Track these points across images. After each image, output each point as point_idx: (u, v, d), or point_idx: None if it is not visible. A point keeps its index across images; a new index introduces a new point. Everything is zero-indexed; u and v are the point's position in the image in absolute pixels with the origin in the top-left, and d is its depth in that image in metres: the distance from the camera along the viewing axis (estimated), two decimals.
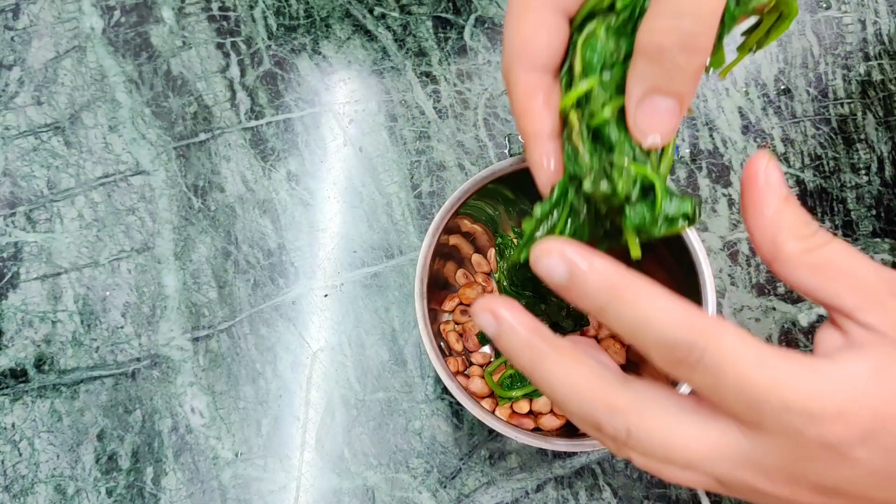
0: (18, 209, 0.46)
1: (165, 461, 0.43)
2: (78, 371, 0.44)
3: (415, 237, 0.47)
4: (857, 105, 0.51)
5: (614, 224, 0.25)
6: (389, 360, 0.45)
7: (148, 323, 0.45)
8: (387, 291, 0.46)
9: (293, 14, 0.51)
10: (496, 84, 0.50)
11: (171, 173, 0.47)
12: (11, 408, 0.43)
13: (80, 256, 0.46)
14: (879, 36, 0.53)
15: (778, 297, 0.47)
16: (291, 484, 0.43)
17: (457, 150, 0.49)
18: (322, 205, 0.47)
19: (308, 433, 0.43)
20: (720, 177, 0.49)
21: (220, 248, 0.46)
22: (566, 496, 0.43)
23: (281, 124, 0.49)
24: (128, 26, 0.50)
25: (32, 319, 0.45)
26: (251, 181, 0.47)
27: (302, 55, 0.50)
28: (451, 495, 0.43)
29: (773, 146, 0.50)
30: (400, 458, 0.43)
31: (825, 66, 0.52)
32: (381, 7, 0.51)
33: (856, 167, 0.50)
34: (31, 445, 0.43)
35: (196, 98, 0.49)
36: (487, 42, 0.51)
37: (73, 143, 0.48)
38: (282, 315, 0.45)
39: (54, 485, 0.42)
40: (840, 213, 0.49)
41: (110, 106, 0.48)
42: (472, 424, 0.44)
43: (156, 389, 0.44)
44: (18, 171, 0.47)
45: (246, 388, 0.44)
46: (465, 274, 0.44)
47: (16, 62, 0.49)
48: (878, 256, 0.49)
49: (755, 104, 0.51)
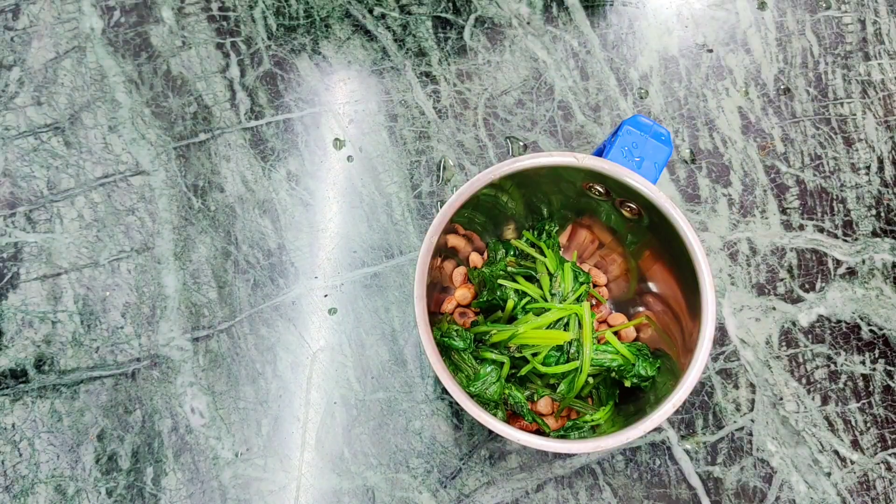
0: (18, 209, 0.46)
1: (165, 461, 0.43)
2: (78, 371, 0.44)
3: (415, 237, 0.47)
4: (857, 105, 0.51)
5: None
6: (389, 360, 0.45)
7: (148, 323, 0.45)
8: (387, 291, 0.46)
9: (293, 14, 0.51)
10: (496, 84, 0.50)
11: (171, 173, 0.47)
12: (11, 408, 0.43)
13: (80, 257, 0.46)
14: (879, 36, 0.53)
15: (778, 296, 0.47)
16: (291, 484, 0.43)
17: (457, 150, 0.49)
18: (322, 205, 0.47)
19: (308, 433, 0.43)
20: (720, 177, 0.49)
21: (220, 248, 0.46)
22: (566, 496, 0.43)
23: (281, 124, 0.49)
24: (127, 26, 0.50)
25: (32, 320, 0.45)
26: (251, 181, 0.47)
27: (302, 55, 0.50)
28: (452, 495, 0.43)
29: (773, 146, 0.50)
30: (400, 458, 0.43)
31: (825, 66, 0.52)
32: (381, 7, 0.51)
33: (856, 167, 0.50)
34: (32, 446, 0.43)
35: (196, 98, 0.49)
36: (487, 42, 0.51)
37: (72, 144, 0.48)
38: (282, 315, 0.45)
39: (54, 485, 0.42)
40: (840, 213, 0.49)
41: (110, 106, 0.48)
42: (472, 424, 0.44)
43: (156, 389, 0.44)
44: (18, 171, 0.47)
45: (246, 389, 0.44)
46: (463, 274, 0.44)
47: (16, 62, 0.49)
48: (879, 256, 0.49)
49: (755, 104, 0.51)
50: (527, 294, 0.40)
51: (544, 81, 0.50)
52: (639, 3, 0.52)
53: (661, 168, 0.37)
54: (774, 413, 0.45)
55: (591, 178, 0.37)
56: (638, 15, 0.52)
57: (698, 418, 0.45)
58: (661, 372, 0.38)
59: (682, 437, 0.44)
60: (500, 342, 0.39)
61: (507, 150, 0.49)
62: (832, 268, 0.48)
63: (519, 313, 0.39)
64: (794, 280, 0.48)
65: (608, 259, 0.44)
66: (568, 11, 0.52)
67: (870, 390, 0.46)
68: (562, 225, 0.43)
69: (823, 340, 0.47)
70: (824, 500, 0.44)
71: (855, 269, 0.48)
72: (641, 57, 0.51)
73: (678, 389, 0.33)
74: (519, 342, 0.38)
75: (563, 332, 0.38)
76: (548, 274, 0.40)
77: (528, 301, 0.39)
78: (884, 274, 0.48)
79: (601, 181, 0.37)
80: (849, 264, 0.48)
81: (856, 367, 0.46)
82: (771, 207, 0.49)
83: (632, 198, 0.37)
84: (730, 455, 0.44)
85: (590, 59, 0.51)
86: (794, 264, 0.48)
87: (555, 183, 0.38)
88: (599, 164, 0.36)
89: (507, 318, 0.40)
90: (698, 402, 0.45)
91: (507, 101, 0.50)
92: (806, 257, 0.48)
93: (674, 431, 0.45)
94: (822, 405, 0.46)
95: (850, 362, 0.47)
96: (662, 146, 0.37)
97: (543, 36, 0.51)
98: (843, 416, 0.46)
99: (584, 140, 0.49)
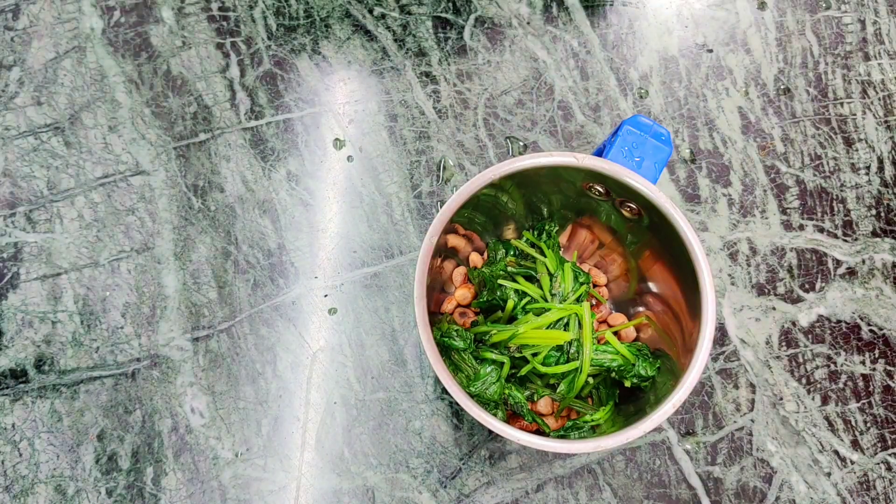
0: (18, 209, 0.46)
1: (165, 461, 0.43)
2: (78, 371, 0.44)
3: (415, 237, 0.47)
4: (857, 105, 0.51)
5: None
6: (389, 360, 0.45)
7: (148, 323, 0.45)
8: (387, 291, 0.46)
9: (293, 14, 0.51)
10: (496, 84, 0.50)
11: (171, 173, 0.47)
12: (11, 408, 0.43)
13: (80, 257, 0.46)
14: (879, 36, 0.53)
15: (778, 296, 0.47)
16: (291, 484, 0.43)
17: (457, 150, 0.49)
18: (322, 205, 0.47)
19: (308, 433, 0.43)
20: (720, 177, 0.49)
21: (220, 248, 0.46)
22: (566, 496, 0.43)
23: (281, 124, 0.49)
24: (127, 26, 0.50)
25: (32, 320, 0.45)
26: (251, 181, 0.47)
27: (302, 55, 0.50)
28: (452, 495, 0.43)
29: (773, 146, 0.50)
30: (400, 458, 0.43)
31: (825, 66, 0.52)
32: (381, 7, 0.51)
33: (856, 167, 0.50)
34: (32, 446, 0.43)
35: (196, 98, 0.49)
36: (487, 42, 0.51)
37: (72, 144, 0.48)
38: (282, 315, 0.45)
39: (54, 485, 0.42)
40: (840, 213, 0.49)
41: (110, 106, 0.48)
42: (472, 424, 0.44)
43: (156, 389, 0.44)
44: (18, 171, 0.47)
45: (246, 389, 0.44)
46: (463, 274, 0.44)
47: (16, 62, 0.49)
48: (879, 256, 0.49)
49: (755, 104, 0.51)
50: (527, 294, 0.40)
51: (544, 81, 0.50)
52: (639, 3, 0.52)
53: (661, 168, 0.37)
54: (774, 413, 0.45)
55: (591, 178, 0.37)
56: (638, 15, 0.52)
57: (698, 418, 0.45)
58: (661, 372, 0.38)
59: (682, 436, 0.44)
60: (500, 342, 0.39)
61: (507, 150, 0.49)
62: (832, 268, 0.48)
63: (519, 313, 0.39)
64: (794, 280, 0.48)
65: (608, 259, 0.44)
66: (568, 11, 0.52)
67: (870, 390, 0.46)
68: (562, 225, 0.43)
69: (823, 340, 0.47)
70: (824, 500, 0.44)
71: (855, 269, 0.48)
72: (641, 57, 0.51)
73: (678, 389, 0.33)
74: (519, 342, 0.38)
75: (563, 332, 0.38)
76: (548, 274, 0.40)
77: (528, 301, 0.39)
78: (884, 274, 0.48)
79: (601, 181, 0.37)
80: (849, 264, 0.48)
81: (856, 367, 0.46)
82: (771, 207, 0.49)
83: (632, 198, 0.37)
84: (730, 455, 0.44)
85: (590, 59, 0.51)
86: (794, 264, 0.48)
87: (555, 183, 0.38)
88: (599, 164, 0.36)
89: (507, 318, 0.40)
90: (698, 402, 0.45)
91: (507, 101, 0.50)
92: (806, 257, 0.48)
93: (674, 431, 0.45)
94: (822, 405, 0.46)
95: (850, 362, 0.47)
96: (662, 146, 0.37)
97: (543, 36, 0.51)
98: (843, 416, 0.46)
99: (584, 140, 0.49)
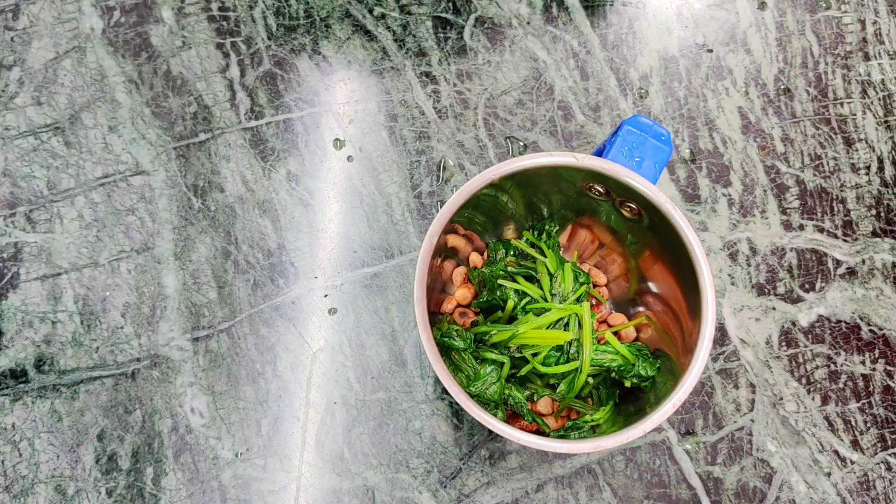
0: (18, 209, 0.46)
1: (165, 461, 0.43)
2: (78, 371, 0.44)
3: (415, 237, 0.47)
4: (857, 105, 0.51)
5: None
6: (389, 360, 0.45)
7: (148, 323, 0.45)
8: (387, 291, 0.46)
9: (293, 14, 0.51)
10: (496, 84, 0.50)
11: (171, 173, 0.47)
12: (11, 408, 0.43)
13: (80, 257, 0.46)
14: (879, 36, 0.53)
15: (778, 296, 0.47)
16: (291, 484, 0.43)
17: (457, 150, 0.49)
18: (322, 205, 0.47)
19: (308, 433, 0.43)
20: (720, 177, 0.49)
21: (220, 248, 0.46)
22: (566, 496, 0.43)
23: (281, 124, 0.49)
24: (127, 26, 0.50)
25: (32, 320, 0.45)
26: (251, 181, 0.47)
27: (302, 55, 0.50)
28: (452, 495, 0.43)
29: (773, 146, 0.50)
30: (400, 458, 0.43)
31: (825, 66, 0.52)
32: (381, 7, 0.51)
33: (856, 167, 0.50)
34: (32, 446, 0.43)
35: (196, 98, 0.49)
36: (487, 42, 0.51)
37: (72, 144, 0.48)
38: (282, 315, 0.45)
39: (54, 485, 0.42)
40: (840, 213, 0.49)
41: (110, 106, 0.48)
42: (472, 424, 0.44)
43: (156, 390, 0.44)
44: (18, 171, 0.47)
45: (246, 389, 0.44)
46: (463, 274, 0.44)
47: (16, 62, 0.49)
48: (879, 256, 0.49)
49: (755, 104, 0.51)
50: (527, 294, 0.40)
51: (544, 81, 0.50)
52: (639, 3, 0.52)
53: (661, 168, 0.37)
54: (774, 413, 0.45)
55: (591, 178, 0.37)
56: (638, 15, 0.52)
57: (698, 418, 0.45)
58: (661, 372, 0.38)
59: (682, 436, 0.44)
60: (501, 342, 0.39)
61: (507, 150, 0.49)
62: (832, 268, 0.48)
63: (519, 313, 0.39)
64: (794, 280, 0.48)
65: (608, 259, 0.44)
66: (568, 11, 0.52)
67: (870, 390, 0.46)
68: (562, 225, 0.43)
69: (823, 340, 0.47)
70: (824, 500, 0.44)
71: (855, 269, 0.48)
72: (641, 57, 0.51)
73: (678, 389, 0.33)
74: (519, 342, 0.38)
75: (563, 332, 0.38)
76: (548, 274, 0.40)
77: (528, 301, 0.39)
78: (884, 274, 0.48)
79: (601, 181, 0.37)
80: (849, 264, 0.48)
81: (856, 367, 0.46)
82: (771, 207, 0.49)
83: (632, 198, 0.37)
84: (730, 455, 0.44)
85: (590, 59, 0.51)
86: (794, 264, 0.48)
87: (555, 183, 0.38)
88: (599, 164, 0.36)
89: (507, 319, 0.40)
90: (698, 402, 0.45)
91: (507, 101, 0.50)
92: (806, 257, 0.48)
93: (674, 431, 0.45)
94: (822, 405, 0.46)
95: (850, 362, 0.47)
96: (662, 146, 0.37)
97: (543, 36, 0.51)
98: (843, 416, 0.46)
99: (584, 140, 0.49)
